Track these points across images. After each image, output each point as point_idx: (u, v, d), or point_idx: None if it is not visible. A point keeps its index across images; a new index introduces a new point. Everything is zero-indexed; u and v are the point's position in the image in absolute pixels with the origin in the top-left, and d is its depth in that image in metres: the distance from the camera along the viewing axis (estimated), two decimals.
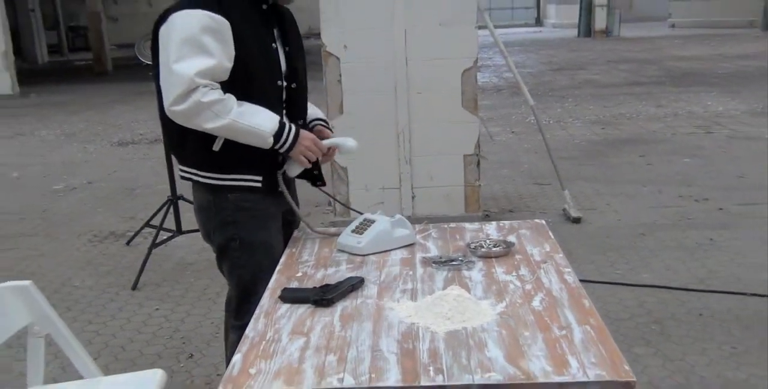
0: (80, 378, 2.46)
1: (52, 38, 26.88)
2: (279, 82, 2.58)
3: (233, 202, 2.55)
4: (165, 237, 4.99)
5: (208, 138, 2.45)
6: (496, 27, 6.25)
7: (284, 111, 2.62)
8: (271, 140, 2.40)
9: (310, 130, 2.70)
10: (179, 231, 5.09)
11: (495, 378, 1.68)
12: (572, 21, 27.39)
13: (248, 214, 2.56)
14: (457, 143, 5.33)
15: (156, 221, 5.09)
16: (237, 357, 1.82)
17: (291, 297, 2.15)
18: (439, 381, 1.68)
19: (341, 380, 1.70)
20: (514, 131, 9.20)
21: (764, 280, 4.31)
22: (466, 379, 1.68)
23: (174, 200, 5.10)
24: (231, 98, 2.35)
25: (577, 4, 27.05)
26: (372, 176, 5.31)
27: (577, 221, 5.55)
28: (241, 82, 2.42)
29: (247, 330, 1.98)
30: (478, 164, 5.42)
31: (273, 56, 2.53)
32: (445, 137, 5.30)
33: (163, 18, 2.39)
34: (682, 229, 5.33)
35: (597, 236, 5.24)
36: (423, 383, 1.67)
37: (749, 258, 4.69)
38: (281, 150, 2.44)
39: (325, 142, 2.60)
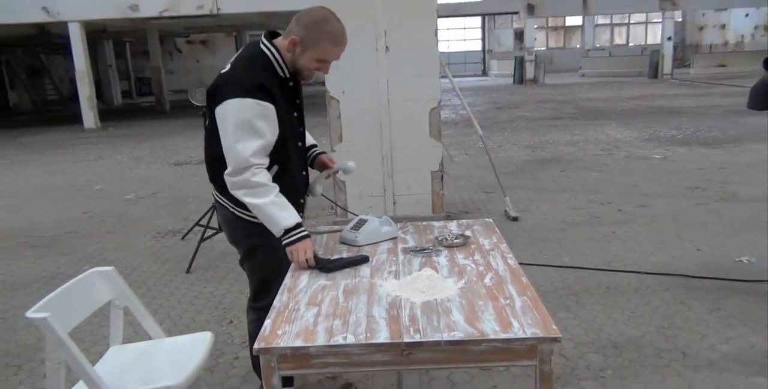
0: (149, 339, 2.43)
1: (125, 86, 26.61)
2: (299, 144, 2.47)
3: (246, 221, 2.38)
4: (210, 234, 4.89)
5: None
6: (454, 76, 6.23)
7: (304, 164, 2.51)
8: (283, 232, 2.22)
9: (314, 158, 2.62)
10: (221, 229, 5.03)
11: (458, 335, 1.67)
12: (509, 72, 27.09)
13: (261, 226, 2.34)
14: (426, 163, 5.27)
15: (204, 221, 5.03)
16: (267, 322, 1.80)
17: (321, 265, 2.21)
18: (417, 338, 1.66)
19: (345, 338, 1.68)
20: (468, 153, 9.10)
21: (653, 262, 4.28)
22: (437, 337, 1.66)
23: (219, 222, 5.04)
24: (275, 187, 2.21)
25: (513, 59, 27.01)
26: (364, 187, 5.25)
27: (515, 219, 5.47)
28: (278, 148, 2.27)
29: (275, 302, 1.95)
30: (442, 178, 5.37)
31: (295, 124, 2.41)
32: (417, 158, 5.24)
33: (218, 88, 2.21)
34: (592, 225, 5.26)
35: (530, 231, 5.17)
36: (405, 340, 1.66)
37: (642, 246, 4.65)
38: (283, 242, 2.23)
39: (336, 166, 2.55)
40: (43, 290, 4.12)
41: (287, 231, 2.22)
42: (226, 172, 2.21)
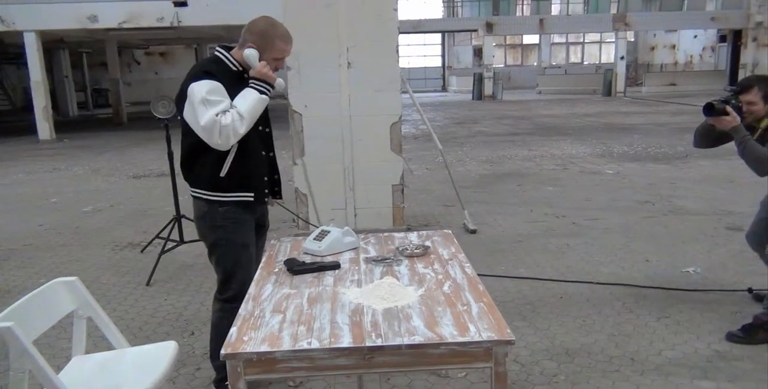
0: (110, 350, 2.44)
1: (81, 97, 26.11)
2: (260, 128, 2.72)
3: (222, 213, 2.68)
4: (171, 246, 4.89)
5: (217, 167, 2.61)
6: (414, 92, 6.35)
7: (263, 145, 2.78)
8: (263, 96, 2.56)
9: (279, 191, 2.97)
10: (182, 241, 5.02)
11: (418, 339, 1.75)
12: (468, 88, 27.49)
13: (232, 221, 2.70)
14: (387, 176, 5.36)
15: (164, 234, 5.01)
16: (233, 330, 1.84)
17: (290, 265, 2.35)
18: (379, 342, 1.73)
19: (309, 343, 1.74)
20: (428, 168, 9.20)
21: (605, 272, 4.43)
22: (398, 341, 1.74)
23: (178, 218, 5.03)
24: (230, 113, 2.47)
25: (472, 76, 27.47)
26: (325, 200, 5.29)
27: (473, 232, 5.56)
28: None
29: (240, 310, 2.00)
30: (402, 191, 5.45)
31: None
32: (378, 171, 5.33)
33: (182, 88, 2.56)
34: (547, 237, 5.39)
35: (488, 243, 5.26)
36: (367, 344, 1.73)
37: (594, 257, 4.79)
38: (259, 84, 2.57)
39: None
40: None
41: (257, 90, 2.56)
42: (212, 144, 2.50)
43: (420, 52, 36.14)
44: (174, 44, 27.59)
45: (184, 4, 14.18)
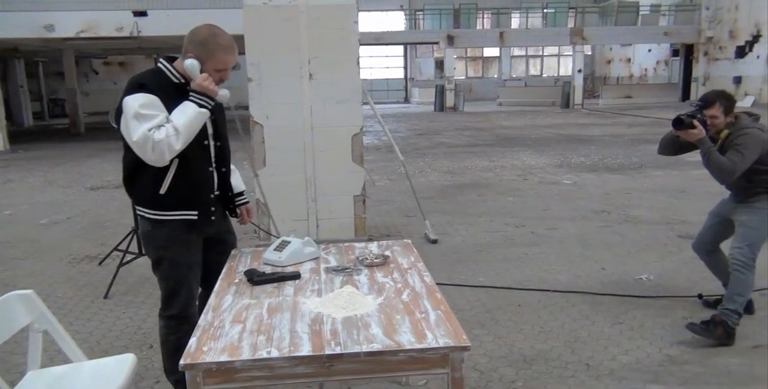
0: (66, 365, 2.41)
1: (36, 107, 25.55)
2: (205, 142, 2.62)
3: (165, 233, 2.60)
4: (129, 258, 4.82)
5: (156, 185, 2.52)
6: (375, 103, 6.41)
7: (213, 161, 2.69)
8: (203, 109, 2.46)
9: (236, 206, 2.88)
10: (140, 253, 4.94)
11: (376, 347, 1.78)
12: (430, 100, 27.58)
13: (175, 241, 2.62)
14: (348, 187, 5.38)
15: (122, 246, 4.95)
16: (193, 340, 1.85)
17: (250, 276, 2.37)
18: (338, 350, 1.76)
19: (269, 352, 1.76)
20: (390, 179, 9.24)
21: (561, 280, 4.53)
22: (357, 349, 1.77)
23: (136, 229, 4.97)
24: (164, 128, 2.38)
25: (434, 87, 27.73)
26: (287, 211, 5.27)
27: (434, 242, 5.61)
28: None
29: (200, 321, 2.01)
30: (364, 202, 5.49)
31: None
32: (340, 182, 5.36)
33: (121, 99, 2.47)
34: (506, 247, 5.47)
35: (448, 253, 5.32)
36: (327, 352, 1.76)
37: (552, 266, 4.89)
38: (199, 97, 2.46)
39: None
40: None
41: (198, 103, 2.46)
42: (146, 160, 2.41)
43: (382, 64, 36.30)
44: (134, 54, 27.22)
45: (144, 14, 14.06)
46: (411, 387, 3.01)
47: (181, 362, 1.72)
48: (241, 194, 2.92)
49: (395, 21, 32.98)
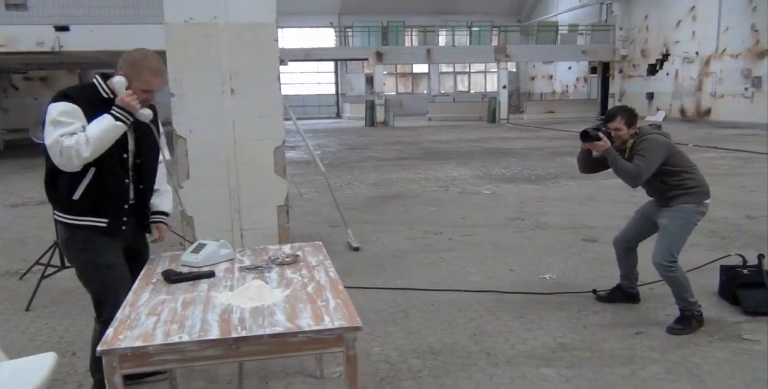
0: None
1: None
2: (124, 156, 2.79)
3: (82, 237, 2.76)
4: (51, 271, 4.84)
5: (72, 190, 2.68)
6: (308, 118, 6.63)
7: (130, 176, 2.83)
8: (119, 123, 2.63)
9: (150, 223, 3.01)
10: (63, 266, 4.98)
11: (278, 329, 2.01)
12: (361, 115, 27.92)
13: (92, 243, 2.77)
14: (272, 198, 5.50)
15: (44, 260, 4.97)
16: (110, 330, 2.03)
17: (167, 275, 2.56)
18: (244, 333, 1.98)
19: (180, 337, 1.96)
20: (317, 191, 9.40)
21: (473, 281, 4.84)
22: (261, 331, 2.00)
23: (58, 243, 5.01)
24: (76, 135, 2.55)
25: (364, 103, 28.15)
26: (212, 222, 5.34)
27: (356, 249, 5.84)
28: None
29: (117, 315, 2.18)
30: (287, 212, 5.66)
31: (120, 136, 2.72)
32: (263, 193, 5.47)
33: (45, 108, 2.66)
34: (424, 252, 5.75)
35: (370, 259, 5.56)
36: (233, 335, 1.97)
37: (465, 269, 5.20)
38: (119, 112, 2.63)
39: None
40: None
41: (114, 117, 2.63)
42: (57, 164, 2.58)
43: (314, 80, 36.56)
44: (56, 69, 26.47)
45: (66, 29, 13.84)
46: (325, 379, 3.23)
47: (98, 348, 1.90)
48: (161, 213, 3.05)
49: (326, 37, 33.35)
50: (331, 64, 35.48)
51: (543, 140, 17.99)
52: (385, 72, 29.36)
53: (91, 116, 2.62)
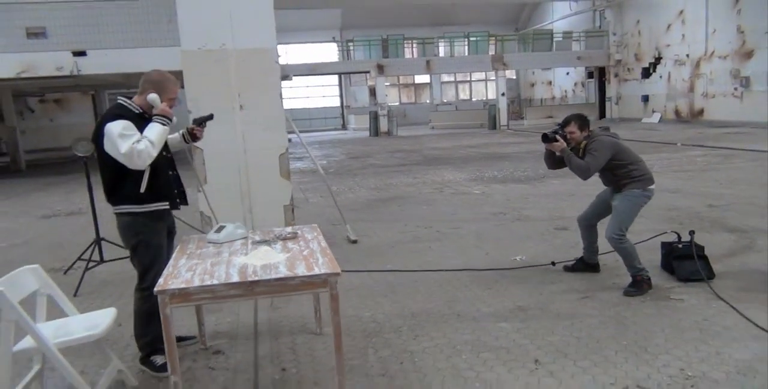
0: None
1: None
2: (164, 153, 3.64)
3: (141, 222, 3.55)
4: (92, 265, 5.66)
5: (137, 186, 3.48)
6: (314, 131, 7.43)
7: (170, 167, 3.70)
8: (165, 126, 3.49)
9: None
10: (102, 261, 5.82)
11: (279, 275, 2.80)
12: (365, 126, 28.77)
13: (149, 228, 3.56)
14: (279, 198, 6.31)
15: (85, 256, 5.80)
16: (161, 280, 2.82)
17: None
18: (256, 278, 2.78)
19: (212, 282, 2.76)
20: (321, 196, 10.15)
21: (453, 264, 5.59)
22: (267, 277, 2.79)
23: (98, 240, 5.84)
24: (142, 141, 3.36)
25: (368, 114, 29.02)
26: (227, 220, 6.15)
27: (354, 242, 6.61)
28: None
29: (164, 272, 2.99)
30: (293, 210, 6.48)
31: None
32: (271, 194, 6.28)
33: (100, 126, 3.42)
34: (414, 243, 6.52)
35: (365, 249, 6.33)
36: (249, 279, 2.77)
37: (448, 254, 5.96)
38: (161, 118, 3.50)
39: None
40: None
41: (160, 123, 3.49)
42: (132, 166, 3.37)
43: (319, 93, 37.56)
44: (71, 91, 27.57)
45: (84, 54, 14.81)
46: (324, 335, 4.01)
47: (155, 289, 2.70)
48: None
49: (329, 52, 34.35)
50: (335, 77, 36.44)
51: (538, 144, 18.64)
52: (387, 83, 30.30)
53: (136, 127, 3.43)
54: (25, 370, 3.25)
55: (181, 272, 2.95)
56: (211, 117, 3.98)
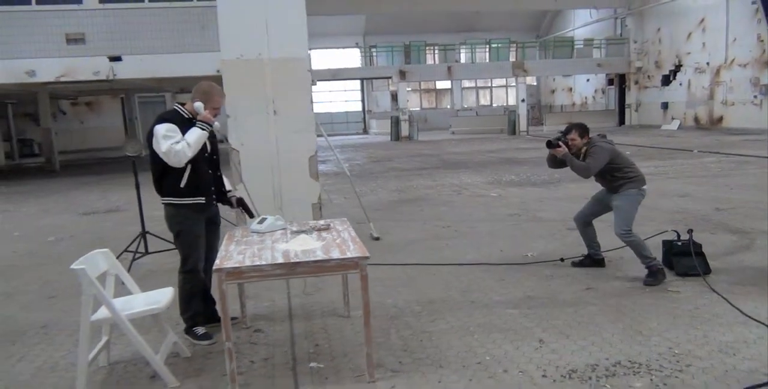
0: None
1: (6, 147, 26.48)
2: (206, 154, 4.14)
3: (183, 213, 4.06)
4: (139, 256, 6.20)
5: (178, 181, 3.99)
6: (337, 134, 7.90)
7: (211, 167, 4.19)
8: (204, 131, 3.97)
9: (228, 198, 4.40)
10: (147, 252, 6.35)
11: (317, 258, 3.27)
12: (387, 130, 29.34)
13: (190, 218, 4.07)
14: (308, 197, 6.80)
15: (132, 248, 6.33)
16: (217, 261, 3.31)
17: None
18: (297, 260, 3.25)
19: (261, 263, 3.24)
20: (346, 198, 10.63)
21: (468, 258, 6.03)
22: (309, 258, 3.26)
23: (143, 233, 6.37)
24: (181, 142, 3.86)
25: (389, 119, 29.51)
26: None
27: (377, 239, 7.07)
28: None
29: (218, 256, 3.47)
30: (320, 208, 6.97)
31: (204, 143, 4.09)
32: (301, 193, 6.78)
33: (151, 129, 3.97)
34: (433, 240, 6.95)
35: (387, 246, 6.78)
36: (292, 261, 3.24)
37: (464, 250, 6.39)
38: (202, 124, 4.00)
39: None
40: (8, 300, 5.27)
41: (200, 128, 3.97)
42: (170, 163, 3.88)
43: (342, 98, 38.19)
44: (104, 95, 28.42)
45: (119, 59, 15.49)
46: (351, 318, 4.47)
47: (213, 268, 3.18)
48: (228, 191, 4.44)
49: (352, 57, 34.94)
50: (358, 82, 37.03)
51: None
52: (409, 89, 30.78)
53: (182, 130, 3.95)
54: (95, 341, 3.75)
55: (233, 255, 3.43)
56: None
